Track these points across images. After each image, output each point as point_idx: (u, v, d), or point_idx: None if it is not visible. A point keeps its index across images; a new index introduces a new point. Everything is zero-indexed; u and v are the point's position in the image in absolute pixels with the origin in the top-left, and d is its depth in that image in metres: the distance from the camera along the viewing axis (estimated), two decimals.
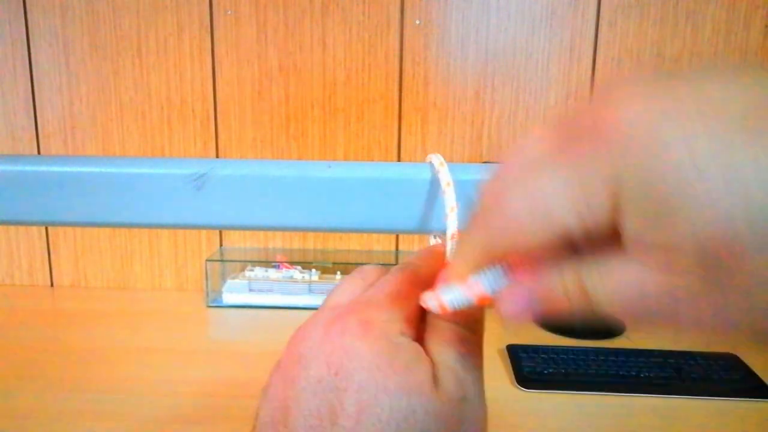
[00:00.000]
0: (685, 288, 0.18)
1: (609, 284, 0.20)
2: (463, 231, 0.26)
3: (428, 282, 0.27)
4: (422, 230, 0.36)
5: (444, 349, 0.26)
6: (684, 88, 0.17)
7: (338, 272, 1.31)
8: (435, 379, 0.25)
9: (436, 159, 0.34)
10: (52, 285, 1.41)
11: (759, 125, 0.16)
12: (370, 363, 0.23)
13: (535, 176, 0.19)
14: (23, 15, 1.27)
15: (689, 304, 0.18)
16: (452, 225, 0.30)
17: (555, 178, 0.19)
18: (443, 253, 0.29)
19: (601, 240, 0.19)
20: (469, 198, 0.29)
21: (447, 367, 0.26)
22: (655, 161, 0.17)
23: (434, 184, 0.35)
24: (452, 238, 0.30)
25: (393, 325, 0.25)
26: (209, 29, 1.26)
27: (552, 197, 0.19)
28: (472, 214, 0.23)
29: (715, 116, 0.16)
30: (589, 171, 0.18)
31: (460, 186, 0.33)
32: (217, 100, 1.29)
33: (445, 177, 0.32)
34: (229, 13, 1.25)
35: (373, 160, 1.31)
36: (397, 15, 1.23)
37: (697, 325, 0.19)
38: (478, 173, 0.35)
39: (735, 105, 0.16)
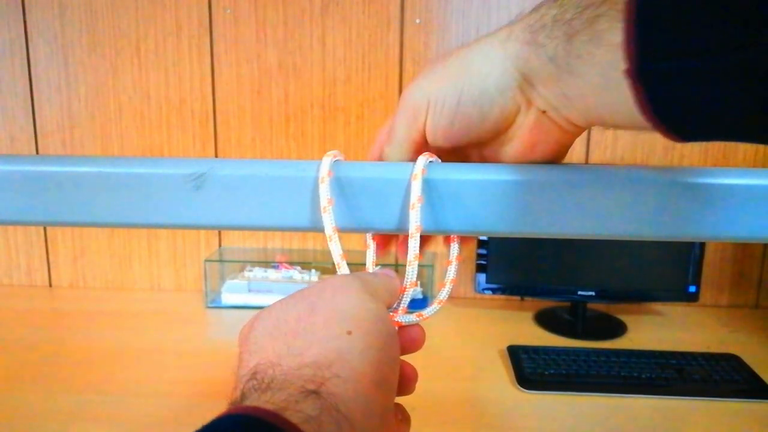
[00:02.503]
0: None
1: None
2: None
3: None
4: (424, 230, 0.36)
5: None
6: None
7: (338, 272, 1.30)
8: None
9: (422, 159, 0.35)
10: (50, 285, 1.40)
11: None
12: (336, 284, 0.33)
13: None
14: (22, 14, 1.27)
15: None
16: (414, 220, 0.34)
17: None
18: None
19: None
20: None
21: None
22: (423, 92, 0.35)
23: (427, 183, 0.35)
24: (412, 236, 0.34)
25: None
26: (208, 28, 1.26)
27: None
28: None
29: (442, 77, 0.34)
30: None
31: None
32: (216, 99, 1.29)
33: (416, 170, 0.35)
34: (228, 12, 1.24)
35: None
36: (397, 14, 1.23)
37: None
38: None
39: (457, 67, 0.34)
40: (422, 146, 0.36)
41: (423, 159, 0.35)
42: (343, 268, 0.37)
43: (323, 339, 0.29)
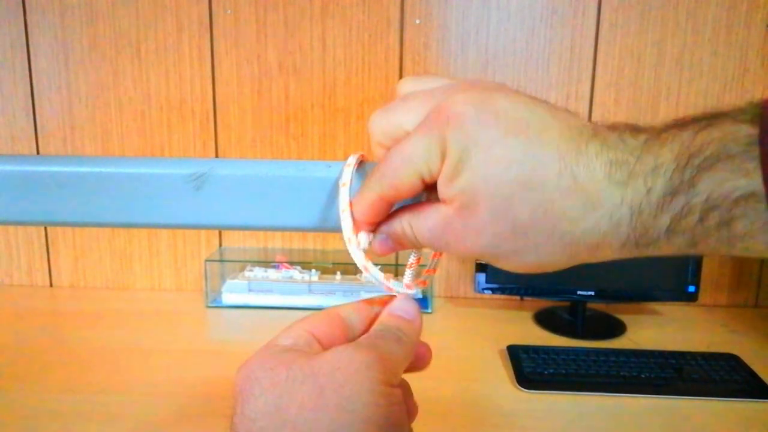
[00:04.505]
0: (458, 221, 0.29)
1: (423, 224, 0.31)
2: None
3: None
4: None
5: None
6: (489, 101, 0.28)
7: (338, 272, 1.31)
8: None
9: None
10: (51, 285, 1.40)
11: (520, 134, 0.27)
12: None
13: (406, 140, 0.30)
14: (22, 15, 1.27)
15: (458, 232, 0.29)
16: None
17: (416, 140, 0.29)
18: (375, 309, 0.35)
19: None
20: None
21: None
22: (462, 140, 0.28)
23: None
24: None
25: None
26: (209, 29, 1.26)
27: (414, 150, 0.29)
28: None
29: (500, 122, 0.27)
30: (434, 139, 0.28)
31: None
32: (217, 99, 1.29)
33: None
34: (229, 12, 1.25)
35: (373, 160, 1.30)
36: (397, 14, 1.23)
37: (461, 246, 0.29)
38: None
39: (516, 118, 0.27)
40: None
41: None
42: (371, 270, 0.34)
43: None
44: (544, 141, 0.27)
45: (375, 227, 0.34)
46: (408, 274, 0.35)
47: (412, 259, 0.36)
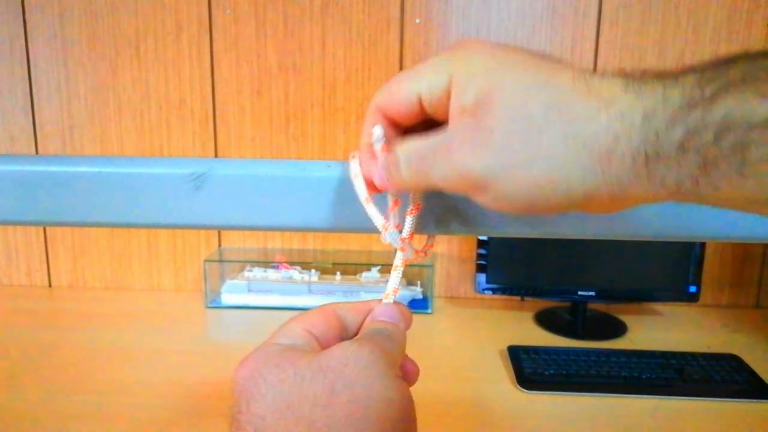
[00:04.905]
0: (469, 127, 0.28)
1: (406, 149, 0.30)
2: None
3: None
4: (426, 232, 0.36)
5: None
6: (501, 49, 0.28)
7: (338, 273, 1.30)
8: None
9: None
10: (50, 285, 1.40)
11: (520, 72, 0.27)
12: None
13: (412, 68, 0.31)
14: (21, 14, 1.27)
15: (463, 144, 0.28)
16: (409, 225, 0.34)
17: (421, 67, 0.30)
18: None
19: (434, 121, 0.31)
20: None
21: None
22: (471, 68, 0.28)
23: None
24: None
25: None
26: (208, 28, 1.26)
27: (415, 74, 0.30)
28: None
29: (510, 65, 0.28)
30: (440, 64, 0.29)
31: None
32: (216, 99, 1.29)
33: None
34: (228, 12, 1.24)
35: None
36: (398, 14, 1.23)
37: (458, 162, 0.28)
38: None
39: (525, 64, 0.27)
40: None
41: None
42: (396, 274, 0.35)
43: None
44: (557, 63, 0.28)
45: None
46: (408, 221, 0.34)
47: (410, 206, 0.34)
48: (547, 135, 0.26)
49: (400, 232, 0.34)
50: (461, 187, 0.28)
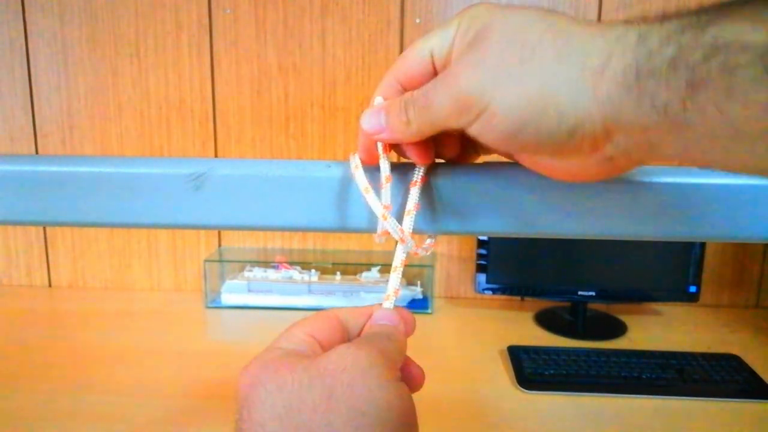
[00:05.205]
0: (467, 54, 0.29)
1: (410, 93, 0.31)
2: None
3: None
4: (422, 232, 0.36)
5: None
6: (507, 4, 0.30)
7: (338, 273, 1.30)
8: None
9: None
10: (50, 285, 1.40)
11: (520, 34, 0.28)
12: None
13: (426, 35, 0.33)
14: (21, 14, 1.27)
15: (460, 65, 0.29)
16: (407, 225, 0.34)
17: (432, 30, 0.32)
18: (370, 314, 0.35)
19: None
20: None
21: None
22: (474, 12, 0.30)
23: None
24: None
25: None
26: (208, 28, 1.26)
27: (427, 35, 0.32)
28: None
29: (513, 7, 0.29)
30: (448, 21, 0.31)
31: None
32: (216, 99, 1.29)
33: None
34: (228, 11, 1.24)
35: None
36: (397, 14, 1.23)
37: (454, 82, 0.29)
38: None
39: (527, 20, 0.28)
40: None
41: (423, 166, 0.34)
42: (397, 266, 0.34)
43: None
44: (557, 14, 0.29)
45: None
46: (413, 192, 0.34)
47: (416, 177, 0.34)
48: (540, 52, 0.27)
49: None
50: (456, 111, 0.28)
